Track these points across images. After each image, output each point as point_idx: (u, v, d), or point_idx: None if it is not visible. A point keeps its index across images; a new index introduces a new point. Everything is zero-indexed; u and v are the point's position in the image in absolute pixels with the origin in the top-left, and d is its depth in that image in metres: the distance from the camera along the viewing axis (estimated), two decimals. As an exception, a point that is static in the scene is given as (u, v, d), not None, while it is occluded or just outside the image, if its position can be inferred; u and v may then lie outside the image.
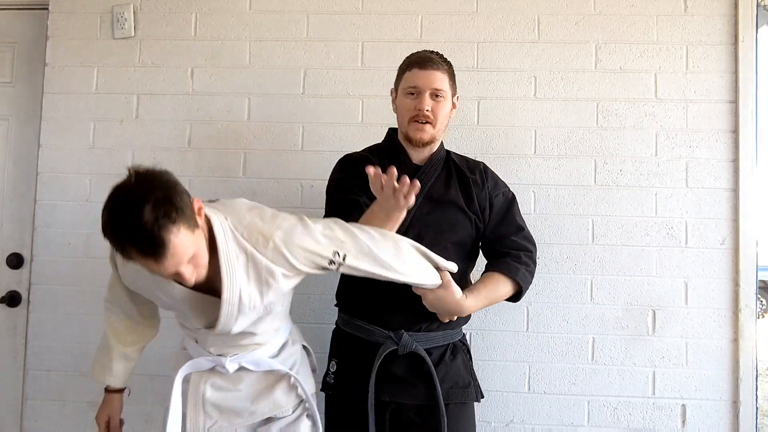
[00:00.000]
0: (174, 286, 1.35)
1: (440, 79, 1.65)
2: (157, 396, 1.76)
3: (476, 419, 1.73)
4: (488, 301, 1.66)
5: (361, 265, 1.41)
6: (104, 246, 2.27)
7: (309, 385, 1.61)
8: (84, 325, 2.21)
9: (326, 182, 1.87)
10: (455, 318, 1.61)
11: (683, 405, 2.09)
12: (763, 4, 2.17)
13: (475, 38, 2.20)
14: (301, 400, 1.57)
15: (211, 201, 1.43)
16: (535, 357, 2.12)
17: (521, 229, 1.74)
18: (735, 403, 2.07)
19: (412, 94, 1.66)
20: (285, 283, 1.40)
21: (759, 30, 2.15)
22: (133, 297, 1.54)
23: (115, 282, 1.53)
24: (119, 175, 2.26)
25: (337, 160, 1.99)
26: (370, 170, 1.41)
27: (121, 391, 1.68)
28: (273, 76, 2.23)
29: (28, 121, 2.34)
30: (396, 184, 1.39)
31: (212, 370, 1.52)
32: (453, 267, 1.58)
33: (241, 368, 1.51)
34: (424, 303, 1.57)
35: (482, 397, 1.71)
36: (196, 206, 1.24)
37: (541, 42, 2.19)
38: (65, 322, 2.23)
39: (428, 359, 1.60)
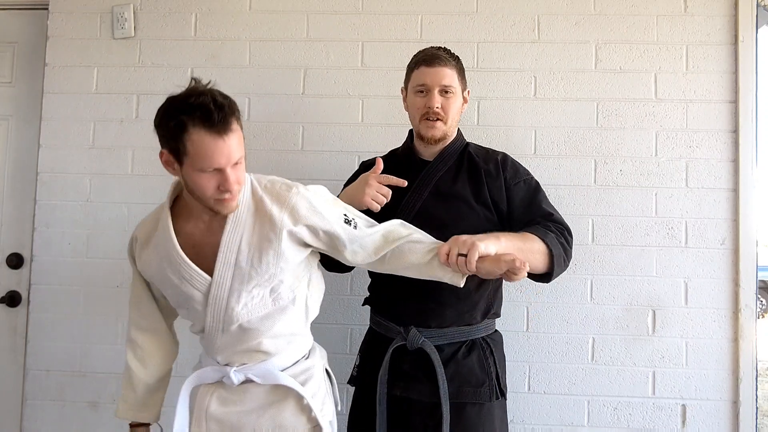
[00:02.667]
0: (184, 266, 1.36)
1: (449, 76, 1.64)
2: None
3: (502, 418, 1.68)
4: (521, 240, 1.49)
5: (370, 229, 1.46)
6: (104, 246, 2.28)
7: (326, 412, 1.50)
8: (84, 325, 2.22)
9: (326, 182, 1.89)
10: (508, 268, 1.40)
11: (683, 405, 2.09)
12: (763, 4, 2.17)
13: (475, 38, 2.20)
14: (314, 426, 1.46)
15: None
16: (535, 357, 2.12)
17: (550, 215, 1.63)
18: (735, 403, 2.07)
19: (422, 92, 1.66)
20: (289, 248, 1.38)
21: (759, 30, 2.15)
22: (153, 292, 1.54)
23: (136, 283, 1.54)
24: (119, 175, 2.28)
25: (337, 160, 2.12)
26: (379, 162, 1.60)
27: (146, 425, 1.58)
28: (273, 76, 2.24)
29: (28, 121, 2.34)
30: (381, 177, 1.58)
31: (219, 382, 1.47)
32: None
33: (248, 381, 1.45)
34: (460, 243, 1.41)
35: (497, 398, 1.62)
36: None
37: (541, 42, 2.19)
38: (65, 322, 2.23)
39: (434, 355, 1.58)
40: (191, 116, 1.23)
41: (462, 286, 1.46)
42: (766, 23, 2.23)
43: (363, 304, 1.82)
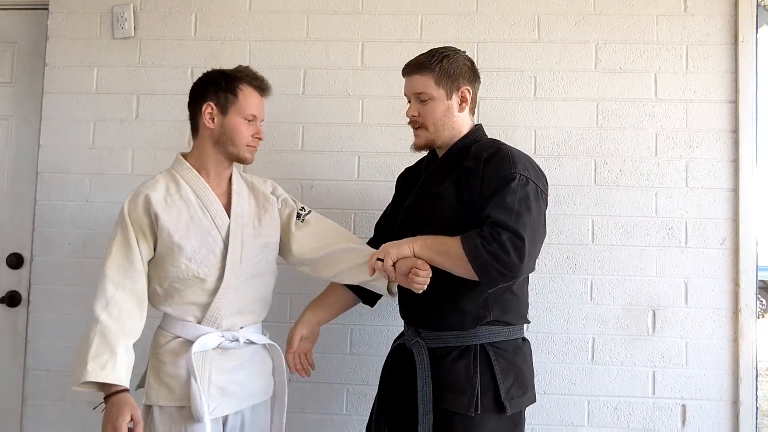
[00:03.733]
0: (220, 211, 1.63)
1: (420, 82, 1.63)
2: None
3: None
4: (439, 243, 1.52)
5: (318, 220, 1.76)
6: (104, 246, 2.27)
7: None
8: (84, 325, 2.21)
9: (326, 182, 1.92)
10: (420, 281, 1.47)
11: (683, 405, 2.09)
12: (763, 4, 2.17)
13: (475, 38, 2.20)
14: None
15: None
16: (535, 357, 2.09)
17: (488, 216, 1.48)
18: (735, 403, 2.07)
19: (408, 102, 1.70)
20: (278, 218, 1.71)
21: (759, 30, 2.15)
22: (142, 254, 1.59)
23: (127, 242, 1.57)
24: (119, 175, 2.28)
25: (337, 161, 2.17)
26: None
27: (126, 391, 1.50)
28: (273, 76, 2.19)
29: (28, 121, 2.34)
30: None
31: (216, 348, 1.59)
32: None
33: (246, 343, 1.63)
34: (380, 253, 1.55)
35: (477, 411, 1.50)
36: None
37: (541, 42, 2.19)
38: (65, 322, 2.22)
39: (419, 357, 1.57)
40: (246, 74, 1.66)
41: (393, 295, 1.64)
42: (766, 23, 2.23)
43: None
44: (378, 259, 1.54)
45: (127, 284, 1.56)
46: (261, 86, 1.67)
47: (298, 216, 1.73)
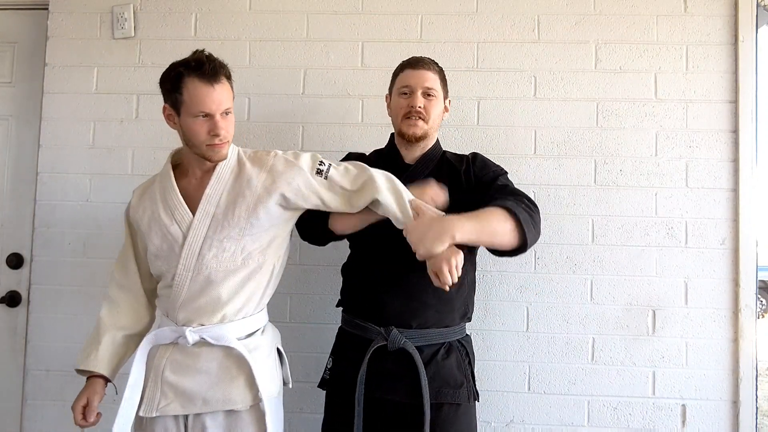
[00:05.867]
0: (179, 206, 1.56)
1: (431, 79, 1.72)
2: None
3: (476, 420, 1.71)
4: (480, 223, 1.49)
5: (342, 170, 1.61)
6: (104, 246, 2.28)
7: (271, 385, 1.59)
8: (84, 325, 2.20)
9: (326, 182, 1.91)
10: (455, 265, 1.44)
11: (683, 405, 2.09)
12: (763, 4, 2.17)
13: (475, 38, 2.20)
14: (259, 402, 1.55)
15: None
16: (535, 357, 2.12)
17: (505, 186, 1.66)
18: (735, 403, 2.07)
19: (405, 93, 1.72)
20: (263, 206, 1.54)
21: (759, 30, 2.15)
22: (137, 255, 1.67)
23: (126, 245, 1.68)
24: (119, 175, 2.28)
25: (337, 161, 2.08)
26: None
27: (104, 378, 1.61)
28: (273, 76, 2.23)
29: (28, 121, 2.34)
30: None
31: (174, 345, 1.56)
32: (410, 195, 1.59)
33: (202, 343, 1.54)
34: (412, 243, 1.48)
35: (476, 399, 1.67)
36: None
37: (541, 42, 2.19)
38: (65, 322, 2.22)
39: (417, 356, 1.59)
40: (187, 67, 1.49)
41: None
42: (766, 23, 2.23)
43: (337, 305, 1.81)
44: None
45: (124, 282, 1.67)
46: (206, 74, 1.48)
47: (319, 172, 1.59)
